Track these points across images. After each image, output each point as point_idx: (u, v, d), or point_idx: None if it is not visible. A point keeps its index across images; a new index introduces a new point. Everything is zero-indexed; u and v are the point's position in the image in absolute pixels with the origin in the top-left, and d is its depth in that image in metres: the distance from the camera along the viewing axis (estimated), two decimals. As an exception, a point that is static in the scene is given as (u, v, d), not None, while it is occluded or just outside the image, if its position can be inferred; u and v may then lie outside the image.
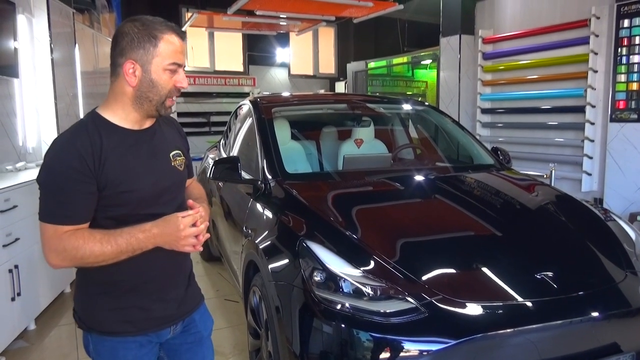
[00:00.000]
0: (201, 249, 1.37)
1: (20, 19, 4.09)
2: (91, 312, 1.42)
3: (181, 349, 1.57)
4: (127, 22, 1.33)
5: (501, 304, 1.79)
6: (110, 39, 1.39)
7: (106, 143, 1.29)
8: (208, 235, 1.40)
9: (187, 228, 1.31)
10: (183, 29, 9.25)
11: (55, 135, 4.38)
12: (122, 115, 1.35)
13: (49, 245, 1.27)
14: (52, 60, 4.44)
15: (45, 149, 4.43)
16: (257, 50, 10.64)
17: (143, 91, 1.33)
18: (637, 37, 4.43)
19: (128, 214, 1.33)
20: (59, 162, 1.25)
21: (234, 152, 3.54)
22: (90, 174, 1.26)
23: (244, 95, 8.80)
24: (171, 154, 1.45)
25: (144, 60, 1.31)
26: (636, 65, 4.44)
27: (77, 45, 5.18)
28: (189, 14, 8.11)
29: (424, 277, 1.87)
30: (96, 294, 1.41)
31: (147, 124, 1.41)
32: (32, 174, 3.61)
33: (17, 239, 3.04)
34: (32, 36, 4.31)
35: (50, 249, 1.27)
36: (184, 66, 1.37)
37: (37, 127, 4.41)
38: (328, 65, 11.48)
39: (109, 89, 1.37)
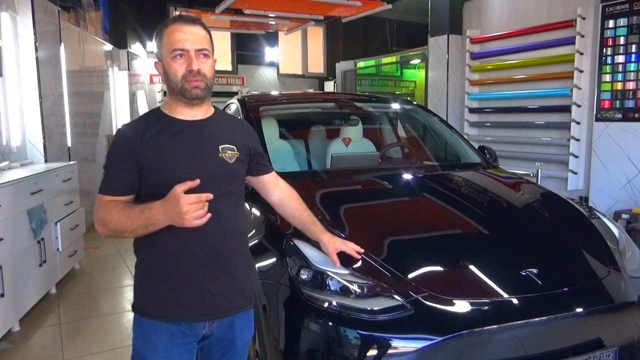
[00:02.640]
0: (205, 219, 1.34)
1: (4, 17, 4.04)
2: (136, 293, 1.54)
3: (213, 350, 1.59)
4: None
5: (487, 300, 1.80)
6: (97, 38, 1.47)
7: (151, 129, 1.46)
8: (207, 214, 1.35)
9: (186, 203, 1.30)
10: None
11: (40, 134, 4.38)
12: (169, 107, 1.52)
13: (94, 212, 1.45)
14: (37, 58, 4.39)
15: (30, 148, 4.39)
16: (245, 49, 10.61)
17: (167, 83, 1.48)
18: (621, 38, 4.49)
19: (160, 192, 1.38)
20: (112, 144, 1.48)
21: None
22: (130, 154, 1.42)
23: (232, 94, 8.76)
24: (221, 146, 1.51)
25: (160, 57, 1.48)
26: (621, 65, 4.50)
27: (62, 43, 5.12)
28: (177, 13, 8.06)
29: (411, 275, 1.87)
30: (140, 277, 1.52)
31: (200, 115, 1.52)
32: (17, 173, 3.56)
33: (0, 239, 3.00)
34: (16, 34, 4.25)
35: (94, 215, 1.45)
36: (197, 49, 1.44)
37: (22, 126, 4.35)
38: (317, 65, 11.47)
39: None
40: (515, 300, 1.81)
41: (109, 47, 7.26)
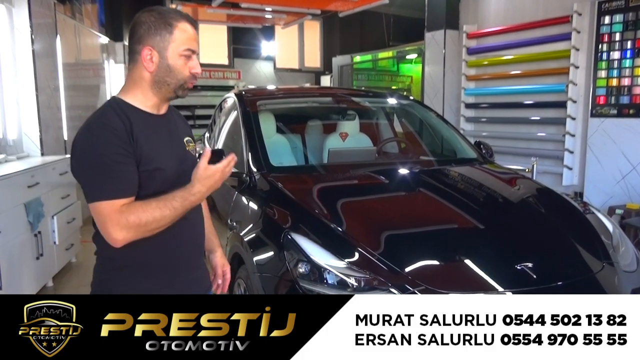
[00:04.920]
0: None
1: (0, 9, 4.02)
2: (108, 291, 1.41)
3: None
4: (144, 12, 1.41)
5: (483, 294, 1.82)
6: (93, 31, 1.41)
7: (134, 122, 1.36)
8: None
9: (223, 171, 1.38)
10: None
11: (37, 128, 4.36)
12: (141, 100, 1.42)
13: (111, 221, 1.28)
14: (33, 51, 4.36)
15: (26, 141, 4.38)
16: (242, 43, 10.58)
17: (161, 76, 1.40)
18: (617, 34, 4.51)
19: (154, 191, 1.36)
20: (100, 142, 1.30)
21: (219, 145, 3.52)
22: (130, 149, 1.33)
23: (228, 88, 8.75)
24: (185, 140, 1.53)
25: (160, 47, 1.38)
26: (616, 62, 4.53)
27: (58, 36, 5.10)
28: (174, 6, 8.02)
29: (407, 269, 1.89)
30: (114, 276, 1.42)
31: (164, 110, 1.48)
32: (13, 166, 3.56)
33: (-2, 233, 3.00)
34: (12, 26, 4.23)
35: (113, 224, 1.28)
36: (198, 53, 1.45)
37: (18, 119, 4.33)
38: (313, 59, 11.46)
39: (128, 75, 1.45)
40: (510, 294, 1.83)
41: (105, 40, 7.23)
